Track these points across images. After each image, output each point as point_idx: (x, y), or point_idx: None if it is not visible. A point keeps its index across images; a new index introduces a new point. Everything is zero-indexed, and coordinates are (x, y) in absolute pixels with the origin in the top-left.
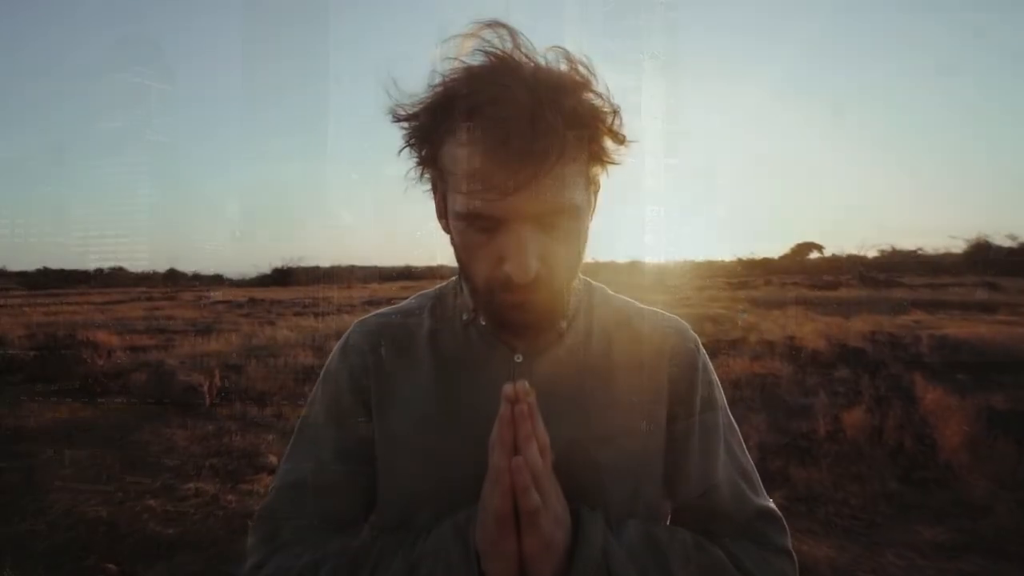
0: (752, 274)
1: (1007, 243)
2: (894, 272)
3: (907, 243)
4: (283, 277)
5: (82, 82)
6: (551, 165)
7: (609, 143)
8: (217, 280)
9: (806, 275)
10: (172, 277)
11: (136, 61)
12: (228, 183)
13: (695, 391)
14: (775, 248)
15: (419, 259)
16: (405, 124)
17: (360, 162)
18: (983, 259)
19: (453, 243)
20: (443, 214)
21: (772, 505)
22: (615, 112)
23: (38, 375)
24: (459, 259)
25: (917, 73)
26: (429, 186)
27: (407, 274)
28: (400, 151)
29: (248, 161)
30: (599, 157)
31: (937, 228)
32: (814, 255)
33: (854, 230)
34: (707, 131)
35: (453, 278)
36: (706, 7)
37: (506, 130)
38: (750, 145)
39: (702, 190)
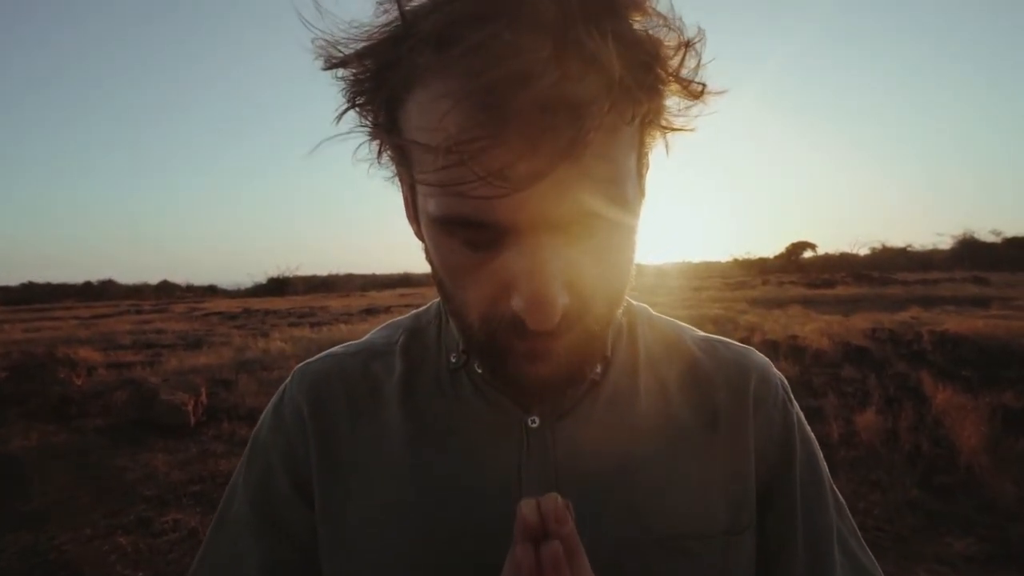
0: (749, 274)
1: (991, 238)
2: (886, 269)
3: (896, 240)
4: (279, 286)
5: (74, 87)
6: (592, 130)
7: (676, 96)
8: (211, 291)
9: (802, 274)
10: (164, 288)
11: (127, 68)
12: (227, 189)
13: (793, 460)
14: (770, 247)
15: (418, 265)
16: (344, 72)
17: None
18: (971, 255)
19: (429, 259)
20: (414, 215)
21: None
22: (687, 46)
23: (9, 397)
24: (438, 283)
25: (903, 75)
26: (391, 170)
27: (405, 281)
28: (340, 115)
29: (246, 165)
30: (658, 119)
31: (924, 225)
32: (808, 254)
33: (846, 228)
34: (701, 133)
35: (436, 301)
36: (698, 9)
37: (515, 66)
38: (744, 146)
39: (698, 191)
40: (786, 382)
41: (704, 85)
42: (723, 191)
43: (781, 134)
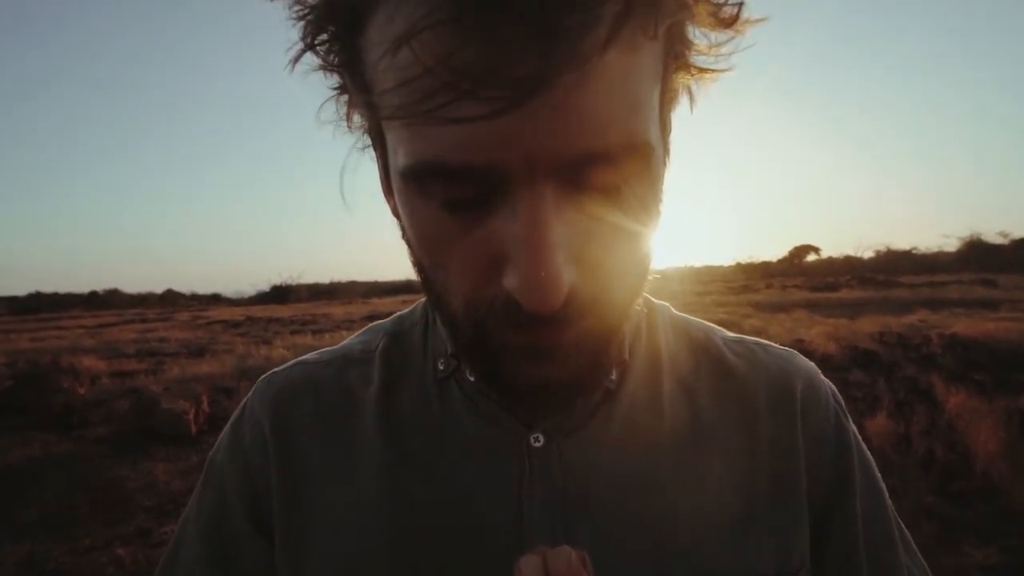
0: (751, 278)
1: (998, 240)
2: (891, 272)
3: (901, 242)
4: (282, 294)
5: (76, 95)
6: (606, 23)
7: (702, 26)
8: (215, 299)
9: (806, 277)
10: (169, 297)
11: (128, 74)
12: (230, 197)
13: (851, 486)
14: (772, 251)
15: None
16: (292, 2)
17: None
18: (978, 257)
19: (405, 237)
20: (388, 187)
21: None
22: None
23: (12, 406)
24: (417, 266)
25: (908, 75)
26: (357, 134)
27: (407, 287)
28: (295, 60)
29: (248, 173)
30: (684, 51)
31: (930, 227)
32: (812, 257)
33: (850, 231)
34: (701, 136)
35: (422, 300)
36: None
37: None
38: (746, 147)
39: (699, 193)
40: (838, 393)
41: (741, 5)
42: (725, 191)
43: (783, 135)
